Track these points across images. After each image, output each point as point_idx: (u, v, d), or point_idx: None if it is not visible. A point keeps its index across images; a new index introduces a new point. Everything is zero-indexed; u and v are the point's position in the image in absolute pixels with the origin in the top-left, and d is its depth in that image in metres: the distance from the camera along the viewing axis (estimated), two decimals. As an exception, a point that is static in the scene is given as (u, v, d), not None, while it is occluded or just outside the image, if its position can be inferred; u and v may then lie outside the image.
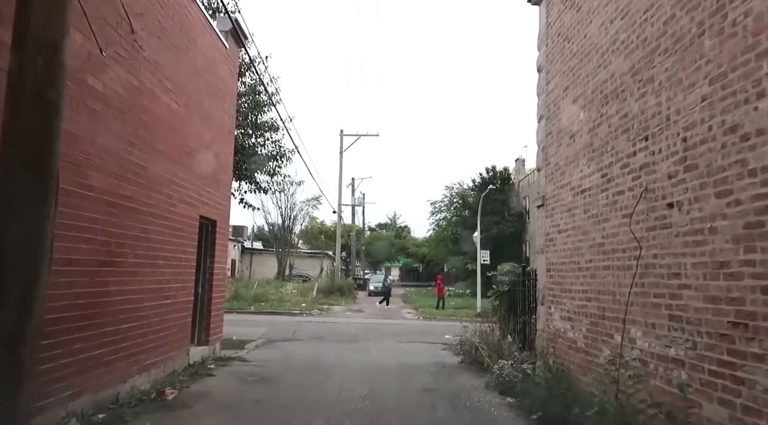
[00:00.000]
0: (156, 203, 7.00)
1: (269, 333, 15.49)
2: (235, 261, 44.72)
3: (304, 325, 17.77)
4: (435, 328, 18.36)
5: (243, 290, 27.98)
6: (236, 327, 16.42)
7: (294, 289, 30.24)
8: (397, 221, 76.44)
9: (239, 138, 13.53)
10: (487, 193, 37.45)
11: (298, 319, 20.06)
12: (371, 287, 39.48)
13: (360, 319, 21.31)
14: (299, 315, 22.55)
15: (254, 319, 19.31)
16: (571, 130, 5.77)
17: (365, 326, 18.17)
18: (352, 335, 15.60)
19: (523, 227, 37.04)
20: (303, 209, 41.05)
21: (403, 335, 16.05)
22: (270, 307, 23.99)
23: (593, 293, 5.15)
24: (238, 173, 13.43)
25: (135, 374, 6.47)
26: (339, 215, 32.83)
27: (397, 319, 22.53)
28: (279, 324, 17.96)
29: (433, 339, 15.37)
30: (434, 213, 44.67)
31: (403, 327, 18.69)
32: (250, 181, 13.64)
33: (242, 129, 13.59)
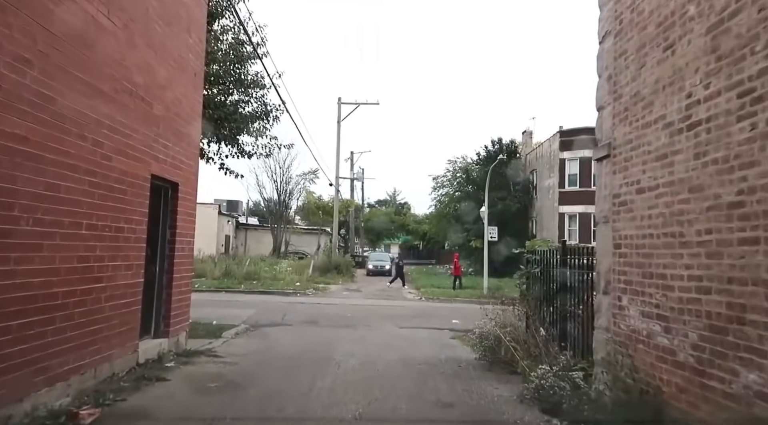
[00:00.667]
0: (75, 151, 5.09)
1: (256, 316, 13.73)
2: (230, 237, 43.03)
3: (297, 307, 16.02)
4: (439, 311, 16.63)
5: (235, 267, 26.26)
6: (220, 310, 14.69)
7: (289, 267, 28.51)
8: (397, 198, 74.55)
9: (218, 94, 11.54)
10: (494, 167, 35.50)
11: (290, 300, 18.32)
12: (370, 266, 36.95)
13: (358, 300, 19.58)
14: (293, 294, 20.82)
15: (243, 300, 17.56)
16: (669, 37, 3.86)
17: (363, 308, 16.43)
18: (348, 319, 13.84)
19: (529, 203, 35.20)
20: (299, 183, 39.17)
21: (405, 319, 14.30)
22: (262, 286, 22.26)
23: (716, 281, 3.32)
24: (217, 134, 11.47)
25: (41, 387, 4.65)
26: (336, 188, 30.92)
27: (397, 300, 20.81)
28: (269, 305, 16.21)
29: (439, 323, 13.63)
30: (436, 188, 42.68)
31: (405, 309, 16.96)
32: (232, 143, 11.68)
33: (223, 84, 11.59)
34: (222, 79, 11.51)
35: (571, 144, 29.61)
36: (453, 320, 14.16)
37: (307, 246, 41.82)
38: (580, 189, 29.27)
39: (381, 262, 37.72)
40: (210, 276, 24.79)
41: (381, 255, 42.86)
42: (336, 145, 29.91)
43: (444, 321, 14.15)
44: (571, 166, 29.86)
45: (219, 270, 25.66)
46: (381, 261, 38.05)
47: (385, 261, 37.75)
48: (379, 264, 36.99)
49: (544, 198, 32.92)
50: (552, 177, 31.30)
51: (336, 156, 30.15)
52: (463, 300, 21.00)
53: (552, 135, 31.58)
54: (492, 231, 23.07)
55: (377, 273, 34.79)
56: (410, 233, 66.00)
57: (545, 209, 32.49)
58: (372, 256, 41.55)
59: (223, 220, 41.54)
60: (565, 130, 30.25)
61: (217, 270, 25.56)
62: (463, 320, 14.37)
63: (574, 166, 29.68)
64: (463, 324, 13.62)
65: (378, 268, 36.12)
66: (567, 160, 29.93)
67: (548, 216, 31.77)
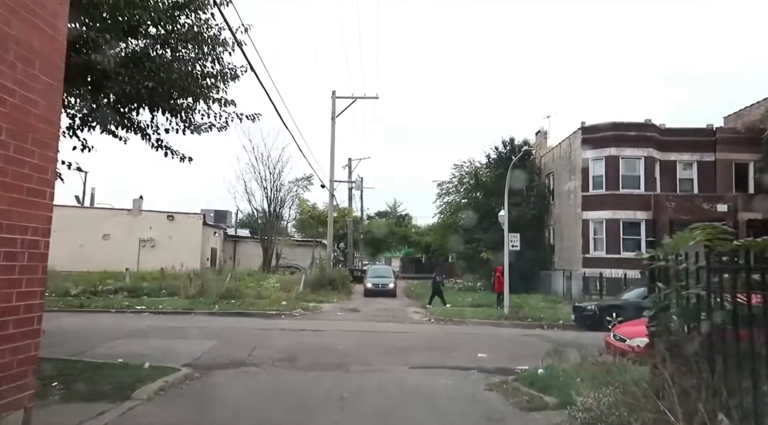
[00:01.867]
0: None
1: (215, 351, 10.25)
2: (216, 250, 39.55)
3: (275, 335, 12.50)
4: (457, 338, 13.09)
5: (213, 284, 22.76)
6: (171, 341, 11.18)
7: (277, 283, 24.95)
8: (397, 209, 71.07)
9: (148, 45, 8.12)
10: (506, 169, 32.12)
11: (271, 324, 14.78)
12: (369, 284, 28.55)
13: (354, 324, 16.04)
14: (276, 316, 17.29)
15: (209, 325, 14.04)
16: None
17: (360, 336, 12.89)
18: (339, 354, 10.32)
19: (546, 210, 31.75)
20: (292, 190, 35.76)
21: (416, 352, 10.77)
22: (240, 306, 18.74)
23: None
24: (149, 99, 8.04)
25: None
26: (331, 193, 27.51)
27: (403, 323, 17.27)
28: (240, 332, 12.71)
29: (462, 358, 10.13)
30: (441, 195, 39.37)
31: (414, 336, 13.41)
32: (171, 111, 8.27)
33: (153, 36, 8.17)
34: (149, 26, 8.06)
35: (597, 141, 26.26)
36: (479, 353, 10.67)
37: (301, 260, 38.31)
38: (606, 192, 25.86)
39: (383, 279, 29.30)
40: (183, 295, 21.33)
41: (382, 270, 34.38)
42: (330, 144, 26.59)
43: (467, 354, 10.64)
44: (595, 167, 26.46)
45: (195, 287, 22.16)
46: (383, 278, 29.59)
47: (389, 278, 29.72)
48: (381, 282, 28.72)
49: (563, 203, 29.48)
50: (573, 179, 27.89)
51: (330, 156, 26.83)
52: (480, 321, 17.50)
53: (572, 132, 28.25)
54: (514, 239, 19.59)
55: (378, 294, 27.45)
56: (412, 245, 62.57)
57: (565, 216, 29.03)
58: (371, 271, 32.92)
59: (209, 232, 38.10)
60: (588, 126, 26.91)
61: (192, 288, 22.06)
62: (492, 351, 10.86)
63: (599, 167, 26.29)
64: (493, 358, 10.12)
65: (379, 287, 28.12)
66: (591, 159, 26.55)
67: (569, 223, 28.30)
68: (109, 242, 34.01)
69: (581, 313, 16.38)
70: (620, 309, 15.81)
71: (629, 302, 16.03)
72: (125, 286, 22.59)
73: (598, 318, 15.94)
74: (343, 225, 48.08)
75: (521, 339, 12.92)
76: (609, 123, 26.31)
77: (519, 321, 17.42)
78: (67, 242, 33.49)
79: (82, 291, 21.34)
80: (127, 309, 17.60)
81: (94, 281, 23.12)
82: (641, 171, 25.74)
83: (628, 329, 10.05)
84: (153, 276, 24.89)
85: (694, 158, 26.52)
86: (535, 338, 13.31)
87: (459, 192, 37.40)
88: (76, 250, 32.87)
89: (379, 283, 28.62)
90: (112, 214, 35.22)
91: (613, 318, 15.79)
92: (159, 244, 34.43)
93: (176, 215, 35.37)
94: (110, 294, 21.71)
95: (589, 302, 17.56)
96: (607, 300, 16.92)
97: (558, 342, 12.55)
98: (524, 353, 10.88)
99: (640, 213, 25.35)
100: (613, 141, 25.93)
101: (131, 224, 34.78)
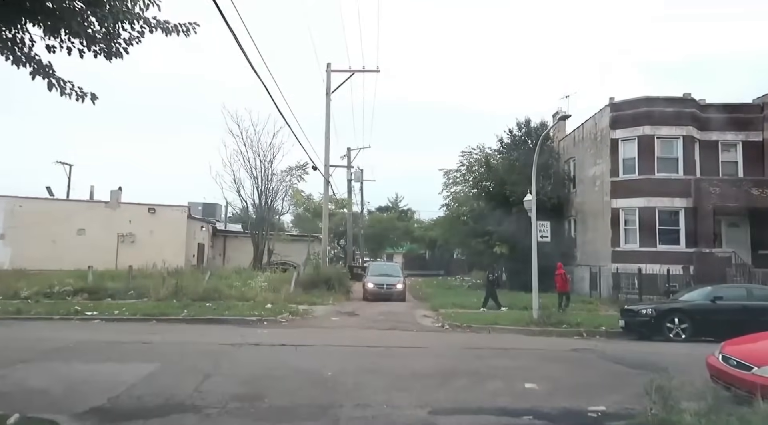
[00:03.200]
0: None
1: (148, 382, 7.14)
2: (204, 246, 36.40)
3: (244, 354, 9.36)
4: (487, 356, 9.89)
5: (192, 284, 19.65)
6: (92, 366, 8.11)
7: (264, 282, 21.82)
8: (399, 204, 67.82)
9: None
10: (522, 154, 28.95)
11: (243, 336, 11.61)
12: (370, 284, 22.73)
13: (351, 333, 12.89)
14: (255, 324, 14.20)
15: (163, 339, 10.89)
16: None
17: (358, 354, 9.72)
18: (326, 388, 7.15)
19: (566, 199, 28.58)
20: (285, 180, 32.53)
21: (437, 382, 7.56)
22: (213, 312, 15.60)
23: None
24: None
25: None
26: (326, 178, 24.26)
27: (412, 330, 14.16)
28: (199, 350, 9.59)
29: (506, 395, 6.96)
30: (447, 185, 36.09)
31: (430, 353, 10.14)
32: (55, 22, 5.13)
33: None
34: None
35: (628, 119, 23.07)
36: (525, 383, 7.49)
37: (296, 256, 35.09)
38: (639, 177, 22.69)
39: (388, 279, 23.13)
40: (154, 296, 18.26)
41: (387, 267, 27.76)
42: (325, 124, 23.37)
43: (509, 383, 7.49)
44: (626, 148, 23.29)
45: (167, 287, 19.05)
46: (388, 277, 23.35)
47: (396, 277, 23.54)
48: (386, 282, 22.70)
49: (587, 191, 26.31)
50: (599, 163, 24.72)
51: (325, 137, 23.59)
52: (505, 328, 14.38)
53: (598, 111, 25.06)
54: (543, 228, 16.50)
55: (382, 298, 21.83)
56: (415, 241, 59.47)
57: (589, 205, 25.85)
58: (373, 268, 26.32)
59: (195, 226, 34.94)
60: (617, 103, 23.73)
61: (164, 288, 18.95)
62: (543, 379, 7.70)
63: (631, 148, 23.11)
64: (549, 392, 6.98)
65: (383, 289, 22.31)
66: (621, 140, 23.37)
67: (595, 213, 25.12)
68: (84, 238, 30.89)
69: (633, 318, 13.25)
70: (685, 313, 12.68)
71: (695, 305, 12.90)
72: (87, 287, 19.48)
73: (656, 324, 12.81)
74: (342, 218, 44.95)
75: (571, 357, 9.78)
76: (642, 98, 23.12)
77: (552, 328, 14.30)
78: (37, 238, 30.47)
79: (35, 294, 18.25)
80: (75, 315, 14.48)
81: (51, 281, 20.02)
82: (679, 152, 22.56)
83: (748, 348, 6.88)
84: (122, 275, 21.79)
85: (739, 138, 23.34)
86: (588, 354, 10.16)
87: (467, 181, 34.10)
88: (48, 247, 29.84)
89: (384, 284, 22.52)
90: (87, 207, 32.09)
91: (675, 324, 12.65)
92: (139, 240, 31.32)
93: (158, 208, 32.21)
94: (68, 296, 18.61)
95: (642, 304, 14.41)
96: (666, 303, 13.77)
97: (624, 360, 9.39)
98: (588, 381, 7.76)
99: (679, 200, 22.18)
100: (647, 119, 22.74)
101: (109, 218, 31.66)
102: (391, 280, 23.01)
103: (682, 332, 12.56)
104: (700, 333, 12.73)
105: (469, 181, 33.51)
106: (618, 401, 6.74)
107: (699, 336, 12.79)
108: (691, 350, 11.24)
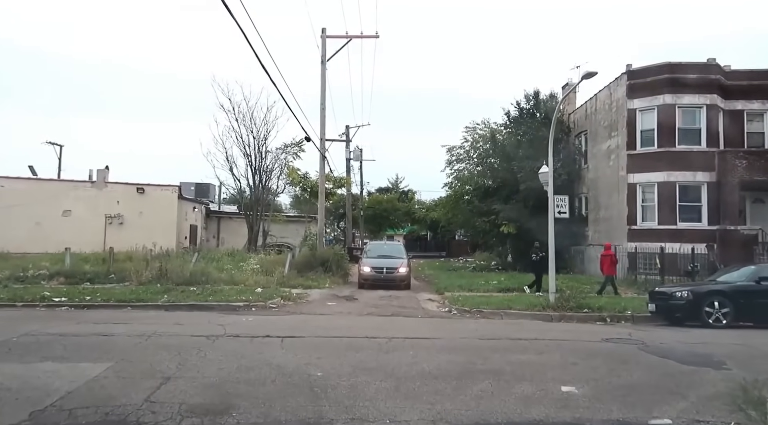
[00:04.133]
0: None
1: (91, 387, 5.76)
2: (197, 228, 34.93)
3: (219, 348, 7.88)
4: (505, 348, 8.40)
5: (179, 267, 18.19)
6: (32, 366, 6.64)
7: (257, 265, 20.39)
8: (399, 185, 66.06)
9: None
10: (531, 128, 27.29)
11: (224, 325, 10.13)
12: (366, 268, 19.23)
13: (347, 322, 11.42)
14: (241, 310, 12.78)
15: (129, 329, 9.39)
16: None
17: (354, 348, 8.21)
18: (311, 395, 5.64)
19: (577, 175, 27.00)
20: (279, 157, 30.88)
21: (451, 386, 6.06)
22: (197, 297, 14.16)
23: None
24: None
25: None
26: (322, 153, 22.57)
27: (415, 315, 12.76)
28: (164, 343, 8.12)
29: (540, 402, 5.44)
30: (450, 163, 34.33)
31: (439, 346, 8.51)
32: None
33: None
34: None
35: (647, 87, 21.38)
36: (561, 386, 6.03)
37: (292, 238, 33.71)
38: (658, 149, 21.08)
39: (389, 261, 19.53)
40: (136, 281, 16.84)
41: (388, 247, 23.23)
42: (320, 93, 21.57)
43: (540, 386, 6.02)
44: (644, 119, 21.62)
45: (151, 270, 17.62)
46: (389, 259, 19.71)
47: (398, 259, 19.96)
48: (386, 265, 19.07)
49: (600, 166, 24.71)
50: (615, 136, 23.08)
51: (320, 108, 21.83)
52: (519, 313, 12.97)
53: (614, 79, 23.33)
54: (561, 203, 14.92)
55: (381, 284, 18.54)
56: (416, 222, 57.90)
57: (603, 181, 24.28)
58: (371, 248, 22.50)
59: (187, 206, 33.42)
60: (635, 70, 21.99)
61: (147, 271, 17.53)
62: (580, 379, 6.23)
63: (650, 119, 21.45)
64: (591, 398, 5.49)
65: (383, 274, 18.77)
66: (639, 110, 21.69)
67: (609, 189, 23.56)
68: (70, 219, 29.43)
69: (666, 302, 11.78)
70: (727, 296, 11.20)
71: (738, 287, 11.43)
72: (64, 271, 18.04)
73: (693, 308, 11.36)
74: (341, 199, 43.38)
75: (607, 350, 8.30)
76: (663, 64, 21.37)
77: (572, 313, 12.86)
78: (21, 219, 28.88)
79: (6, 278, 16.84)
80: (42, 301, 13.01)
81: (26, 264, 18.58)
82: (702, 122, 20.92)
83: None
84: (102, 258, 20.36)
85: (766, 106, 21.68)
86: (625, 345, 8.69)
87: (471, 158, 32.40)
88: (32, 229, 28.39)
89: (383, 268, 18.80)
90: (72, 187, 30.49)
91: (714, 308, 11.18)
92: (128, 221, 29.85)
93: (147, 187, 30.63)
94: (43, 280, 17.20)
95: (676, 286, 12.93)
96: (704, 284, 12.28)
97: (671, 354, 7.92)
98: (637, 382, 6.30)
99: (701, 174, 20.60)
100: (668, 86, 21.03)
101: (96, 198, 30.13)
102: (392, 263, 19.42)
103: (723, 317, 11.10)
104: (742, 317, 11.34)
105: (474, 158, 31.83)
106: (684, 410, 5.28)
107: (740, 321, 11.38)
108: (740, 338, 9.81)
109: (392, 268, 19.10)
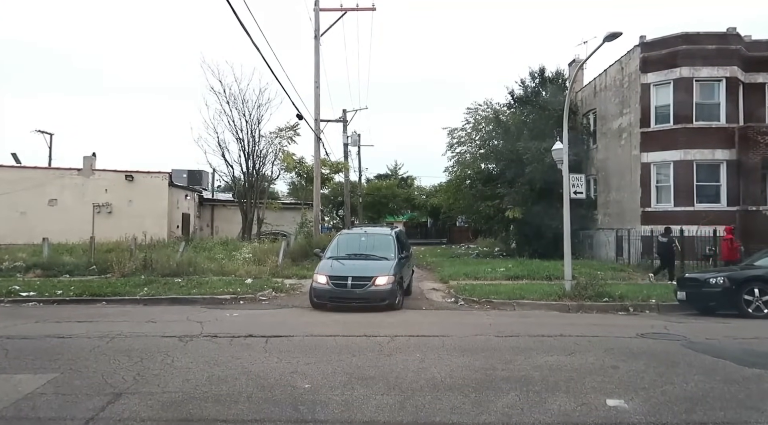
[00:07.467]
0: None
1: (19, 409, 4.41)
2: (189, 216, 33.69)
3: (188, 354, 6.67)
4: (527, 348, 7.20)
5: (163, 257, 16.99)
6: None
7: (249, 254, 19.20)
8: (398, 171, 64.67)
9: None
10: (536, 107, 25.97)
11: (206, 319, 8.97)
12: (320, 278, 11.32)
13: (342, 315, 10.23)
14: (228, 303, 11.62)
15: (92, 328, 8.22)
16: None
17: (348, 347, 7.03)
18: (294, 414, 4.47)
19: (585, 156, 25.73)
20: (273, 142, 29.53)
21: (469, 399, 4.90)
22: (180, 290, 12.94)
23: None
24: None
25: None
26: (317, 134, 21.21)
27: (420, 307, 11.61)
28: (127, 346, 6.93)
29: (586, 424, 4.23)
30: (452, 146, 32.97)
31: (450, 347, 7.15)
32: None
33: None
34: None
35: (662, 60, 20.02)
36: (607, 399, 4.80)
37: (288, 225, 32.46)
38: (674, 126, 19.79)
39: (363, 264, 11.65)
40: (118, 272, 15.68)
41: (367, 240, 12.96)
42: (314, 72, 20.19)
43: (579, 399, 4.79)
44: (659, 94, 20.29)
45: (134, 261, 16.45)
46: (365, 260, 11.96)
47: (381, 261, 11.71)
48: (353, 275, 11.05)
49: (611, 146, 23.43)
50: (627, 113, 21.78)
51: (314, 87, 20.45)
52: (534, 303, 11.79)
53: (626, 52, 21.96)
54: (576, 182, 13.67)
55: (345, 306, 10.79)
56: (416, 208, 56.66)
57: (614, 161, 23.02)
58: (340, 243, 13.04)
59: (179, 194, 32.16)
60: (650, 41, 20.62)
61: (131, 262, 16.35)
62: (627, 390, 4.98)
63: (665, 94, 20.12)
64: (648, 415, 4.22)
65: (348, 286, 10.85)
66: (653, 85, 20.36)
67: (620, 170, 22.31)
68: (56, 208, 28.23)
69: (698, 289, 10.59)
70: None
71: (783, 272, 10.20)
72: (41, 263, 16.85)
73: (730, 296, 10.18)
74: (339, 187, 42.08)
75: (647, 348, 7.10)
76: (679, 34, 20.00)
77: (591, 303, 11.69)
78: (5, 209, 27.60)
79: (-20, 270, 15.69)
80: (8, 296, 11.82)
81: (2, 256, 17.41)
82: (722, 97, 19.61)
83: None
84: (83, 249, 19.18)
85: (789, 79, 20.37)
86: (665, 342, 7.50)
87: (473, 141, 31.07)
88: (17, 219, 27.22)
89: (348, 277, 11.06)
90: (58, 175, 29.19)
91: (755, 296, 10.01)
92: (117, 210, 28.63)
93: (136, 175, 29.34)
94: (18, 273, 16.03)
95: (709, 272, 11.72)
96: (742, 270, 11.07)
97: (724, 353, 6.72)
98: (696, 392, 5.10)
99: (720, 152, 19.36)
100: (686, 58, 19.68)
101: (83, 186, 28.87)
102: (366, 269, 11.44)
103: (765, 305, 9.94)
104: (785, 306, 10.14)
105: (476, 140, 30.47)
106: None
107: (781, 311, 10.21)
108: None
109: (364, 279, 11.04)
